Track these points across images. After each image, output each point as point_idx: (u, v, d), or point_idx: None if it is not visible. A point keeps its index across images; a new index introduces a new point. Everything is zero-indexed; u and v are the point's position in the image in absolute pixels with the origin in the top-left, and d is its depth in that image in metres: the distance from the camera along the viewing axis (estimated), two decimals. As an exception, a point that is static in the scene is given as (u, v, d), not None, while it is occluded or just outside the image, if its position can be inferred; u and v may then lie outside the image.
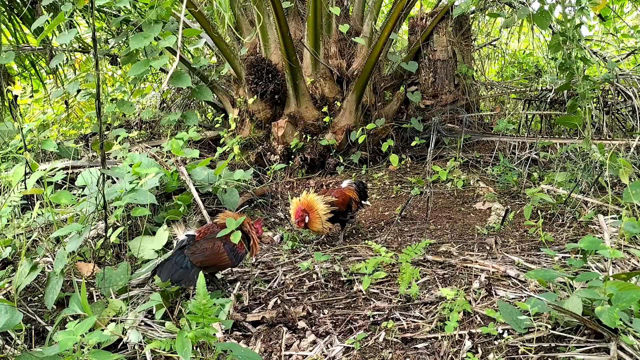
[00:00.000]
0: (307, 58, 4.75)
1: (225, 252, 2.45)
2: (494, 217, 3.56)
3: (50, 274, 2.28)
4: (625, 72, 4.91)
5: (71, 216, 2.84)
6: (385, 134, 4.99)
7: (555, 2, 3.33)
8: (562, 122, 3.96)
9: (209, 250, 2.41)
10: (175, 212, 3.12)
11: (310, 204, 3.18)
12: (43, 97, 6.49)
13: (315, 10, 4.30)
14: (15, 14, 4.77)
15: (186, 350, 1.62)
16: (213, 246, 2.43)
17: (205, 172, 3.61)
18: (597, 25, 6.60)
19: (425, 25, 5.39)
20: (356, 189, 3.56)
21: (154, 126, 5.63)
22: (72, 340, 1.58)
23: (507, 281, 2.55)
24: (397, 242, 3.32)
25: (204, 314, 1.73)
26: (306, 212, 3.16)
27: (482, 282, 2.57)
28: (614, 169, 3.02)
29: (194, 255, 2.37)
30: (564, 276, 2.16)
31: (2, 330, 1.79)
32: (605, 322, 1.75)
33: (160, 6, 2.71)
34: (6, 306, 1.84)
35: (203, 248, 2.41)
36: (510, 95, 5.97)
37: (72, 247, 2.29)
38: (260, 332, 2.29)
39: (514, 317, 1.98)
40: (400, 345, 2.14)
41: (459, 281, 2.67)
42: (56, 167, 3.19)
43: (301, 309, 2.43)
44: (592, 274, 2.08)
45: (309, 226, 3.19)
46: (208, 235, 2.50)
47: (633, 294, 1.81)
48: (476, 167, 4.56)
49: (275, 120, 4.82)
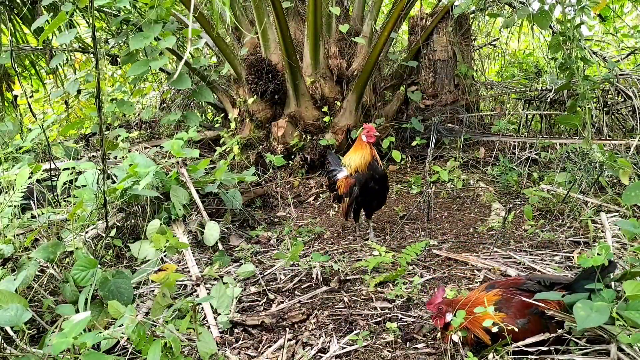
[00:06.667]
0: (307, 58, 4.75)
1: None
2: (494, 217, 3.56)
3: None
4: (625, 72, 4.91)
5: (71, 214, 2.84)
6: (385, 134, 4.99)
7: (555, 2, 3.33)
8: (562, 122, 3.96)
9: None
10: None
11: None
12: (43, 97, 6.49)
13: (315, 10, 4.29)
14: (15, 14, 4.77)
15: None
16: None
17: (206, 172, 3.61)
18: (597, 25, 6.60)
19: (425, 25, 5.39)
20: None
21: (154, 126, 5.63)
22: (65, 344, 1.58)
23: (507, 281, 2.55)
24: (397, 241, 3.32)
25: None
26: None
27: (482, 281, 2.57)
28: (613, 169, 3.02)
29: None
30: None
31: (6, 325, 1.78)
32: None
33: (160, 6, 2.71)
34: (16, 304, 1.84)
35: None
36: (510, 95, 5.97)
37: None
38: (259, 332, 2.29)
39: (514, 317, 1.97)
40: (400, 345, 2.14)
41: (459, 281, 2.67)
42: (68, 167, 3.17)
43: (301, 309, 2.43)
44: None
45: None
46: None
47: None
48: (476, 167, 4.56)
49: (275, 120, 4.82)
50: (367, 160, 3.23)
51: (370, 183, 3.25)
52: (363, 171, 3.24)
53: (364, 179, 3.24)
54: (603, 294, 1.81)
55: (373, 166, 3.23)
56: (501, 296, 1.99)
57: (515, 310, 1.93)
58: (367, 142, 3.24)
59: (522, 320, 1.90)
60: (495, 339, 1.92)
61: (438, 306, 2.03)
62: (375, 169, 3.24)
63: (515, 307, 1.94)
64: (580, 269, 2.58)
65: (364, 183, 3.24)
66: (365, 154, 3.24)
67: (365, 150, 3.25)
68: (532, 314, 1.92)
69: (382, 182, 3.30)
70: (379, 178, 3.27)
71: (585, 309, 1.73)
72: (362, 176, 3.25)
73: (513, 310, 1.94)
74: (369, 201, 3.36)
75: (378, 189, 3.29)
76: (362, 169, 3.24)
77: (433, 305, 2.04)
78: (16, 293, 2.04)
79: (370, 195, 3.30)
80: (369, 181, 3.24)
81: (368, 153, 3.24)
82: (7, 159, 3.64)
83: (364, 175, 3.24)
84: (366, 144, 3.25)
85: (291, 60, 4.41)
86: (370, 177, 3.24)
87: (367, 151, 3.24)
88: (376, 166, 3.24)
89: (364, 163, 3.24)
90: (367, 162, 3.23)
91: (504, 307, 1.95)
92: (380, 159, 3.34)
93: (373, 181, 3.25)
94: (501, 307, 1.94)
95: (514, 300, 1.96)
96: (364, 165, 3.24)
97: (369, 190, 3.27)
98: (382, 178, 3.29)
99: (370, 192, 3.28)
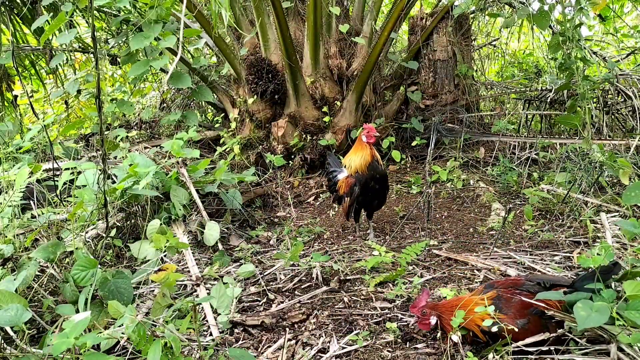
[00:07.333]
0: (307, 58, 4.75)
1: None
2: (494, 217, 3.56)
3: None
4: (625, 72, 4.91)
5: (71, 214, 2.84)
6: (385, 134, 4.99)
7: (555, 2, 3.33)
8: (562, 122, 3.96)
9: None
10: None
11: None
12: (43, 97, 6.49)
13: (315, 10, 4.29)
14: (15, 14, 4.77)
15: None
16: None
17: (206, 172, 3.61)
18: (597, 25, 6.60)
19: (425, 25, 5.38)
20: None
21: (154, 126, 5.63)
22: (66, 344, 1.58)
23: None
24: (397, 241, 3.32)
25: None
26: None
27: (482, 281, 2.57)
28: (613, 169, 3.02)
29: None
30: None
31: (6, 325, 1.78)
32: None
33: (160, 6, 2.71)
34: (16, 304, 1.84)
35: None
36: (510, 95, 5.97)
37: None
38: (259, 332, 2.29)
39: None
40: (400, 345, 2.14)
41: (459, 281, 2.67)
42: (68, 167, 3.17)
43: (301, 309, 2.43)
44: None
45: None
46: None
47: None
48: (476, 167, 4.56)
49: (275, 120, 4.82)
50: (367, 160, 3.23)
51: (371, 182, 3.25)
52: (363, 172, 3.25)
53: (365, 178, 3.24)
54: (603, 294, 1.81)
55: (373, 166, 3.24)
56: (497, 296, 1.99)
57: (515, 310, 1.94)
58: (367, 142, 3.24)
59: (522, 321, 1.91)
60: (495, 339, 1.92)
61: (422, 309, 2.02)
62: (375, 169, 3.24)
63: (515, 308, 1.94)
64: (580, 269, 2.59)
65: (365, 182, 3.25)
66: (366, 155, 3.24)
67: (366, 151, 3.25)
68: (532, 314, 1.92)
69: (382, 182, 3.31)
70: (380, 177, 3.27)
71: (586, 309, 1.73)
72: (362, 176, 3.25)
73: (513, 310, 1.94)
74: (370, 200, 3.36)
75: (379, 188, 3.30)
76: (362, 169, 3.25)
77: (417, 308, 2.04)
78: (16, 293, 2.05)
79: (371, 194, 3.30)
80: (369, 180, 3.25)
81: (368, 153, 3.24)
82: (7, 158, 3.64)
83: (364, 175, 3.24)
84: (366, 145, 3.25)
85: (291, 60, 4.41)
86: (371, 176, 3.24)
87: (367, 151, 3.25)
88: (377, 166, 3.25)
89: (364, 163, 3.24)
90: (368, 163, 3.23)
91: (504, 307, 1.94)
92: (381, 159, 3.34)
93: (374, 180, 3.26)
94: (501, 308, 1.94)
95: (514, 301, 1.96)
96: (364, 166, 3.24)
97: (369, 190, 3.27)
98: (382, 177, 3.30)
99: (371, 192, 3.28)
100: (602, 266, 1.88)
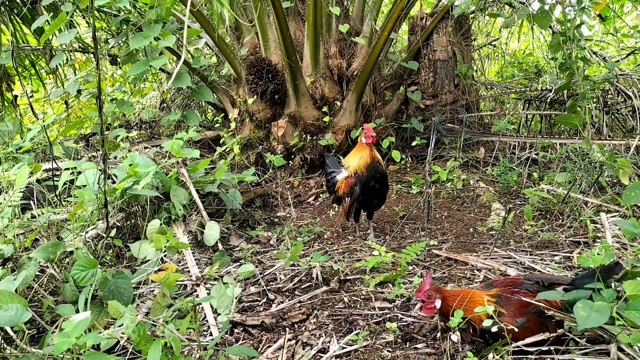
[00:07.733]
0: (307, 58, 4.75)
1: None
2: (494, 217, 3.56)
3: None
4: (625, 72, 4.91)
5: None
6: (385, 134, 4.98)
7: (555, 2, 3.33)
8: (562, 122, 3.96)
9: None
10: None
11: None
12: (43, 97, 6.49)
13: (315, 10, 4.29)
14: (15, 14, 4.77)
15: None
16: None
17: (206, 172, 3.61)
18: (597, 25, 6.60)
19: (425, 25, 5.38)
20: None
21: (154, 126, 5.63)
22: (67, 344, 1.58)
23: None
24: (397, 241, 3.32)
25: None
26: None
27: (481, 281, 2.57)
28: (613, 169, 3.02)
29: None
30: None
31: (6, 325, 1.78)
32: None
33: (160, 6, 2.71)
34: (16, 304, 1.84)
35: None
36: (510, 95, 5.97)
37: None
38: (259, 332, 2.29)
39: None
40: (400, 345, 2.14)
41: (459, 281, 2.67)
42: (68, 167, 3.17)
43: (301, 309, 2.43)
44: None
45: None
46: None
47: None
48: (476, 167, 4.56)
49: (275, 120, 4.82)
50: (367, 161, 3.24)
51: (371, 182, 3.26)
52: (363, 172, 3.25)
53: (365, 178, 3.25)
54: (603, 293, 1.81)
55: (373, 166, 3.24)
56: (500, 293, 1.98)
57: (515, 309, 1.93)
58: (366, 143, 3.25)
59: (522, 319, 1.90)
60: (495, 337, 1.92)
61: (427, 293, 1.97)
62: (376, 168, 3.25)
63: (514, 306, 1.94)
64: (580, 269, 2.59)
65: (365, 182, 3.25)
66: (365, 155, 3.25)
67: (365, 152, 3.25)
68: (532, 312, 1.92)
69: (382, 181, 3.31)
70: (380, 177, 3.28)
71: (586, 309, 1.73)
72: (362, 176, 3.26)
73: (512, 309, 1.93)
74: (370, 200, 3.36)
75: (379, 187, 3.30)
76: (362, 170, 3.25)
77: (422, 292, 1.98)
78: (16, 293, 2.05)
79: (372, 194, 3.31)
80: (369, 180, 3.25)
81: (367, 154, 3.25)
82: (7, 158, 3.64)
83: (364, 175, 3.25)
84: (366, 145, 3.26)
85: (291, 60, 4.41)
86: (372, 176, 3.25)
87: (366, 152, 3.25)
88: (377, 165, 3.25)
89: (364, 164, 3.25)
90: (367, 164, 3.24)
91: (504, 306, 1.94)
92: (381, 159, 3.35)
93: (374, 180, 3.26)
94: (501, 306, 1.94)
95: (513, 299, 1.95)
96: (364, 167, 3.24)
97: (370, 189, 3.27)
98: (382, 177, 3.31)
99: (372, 191, 3.29)
100: (603, 265, 1.88)
